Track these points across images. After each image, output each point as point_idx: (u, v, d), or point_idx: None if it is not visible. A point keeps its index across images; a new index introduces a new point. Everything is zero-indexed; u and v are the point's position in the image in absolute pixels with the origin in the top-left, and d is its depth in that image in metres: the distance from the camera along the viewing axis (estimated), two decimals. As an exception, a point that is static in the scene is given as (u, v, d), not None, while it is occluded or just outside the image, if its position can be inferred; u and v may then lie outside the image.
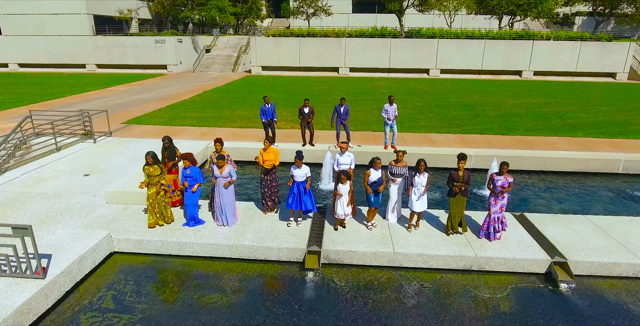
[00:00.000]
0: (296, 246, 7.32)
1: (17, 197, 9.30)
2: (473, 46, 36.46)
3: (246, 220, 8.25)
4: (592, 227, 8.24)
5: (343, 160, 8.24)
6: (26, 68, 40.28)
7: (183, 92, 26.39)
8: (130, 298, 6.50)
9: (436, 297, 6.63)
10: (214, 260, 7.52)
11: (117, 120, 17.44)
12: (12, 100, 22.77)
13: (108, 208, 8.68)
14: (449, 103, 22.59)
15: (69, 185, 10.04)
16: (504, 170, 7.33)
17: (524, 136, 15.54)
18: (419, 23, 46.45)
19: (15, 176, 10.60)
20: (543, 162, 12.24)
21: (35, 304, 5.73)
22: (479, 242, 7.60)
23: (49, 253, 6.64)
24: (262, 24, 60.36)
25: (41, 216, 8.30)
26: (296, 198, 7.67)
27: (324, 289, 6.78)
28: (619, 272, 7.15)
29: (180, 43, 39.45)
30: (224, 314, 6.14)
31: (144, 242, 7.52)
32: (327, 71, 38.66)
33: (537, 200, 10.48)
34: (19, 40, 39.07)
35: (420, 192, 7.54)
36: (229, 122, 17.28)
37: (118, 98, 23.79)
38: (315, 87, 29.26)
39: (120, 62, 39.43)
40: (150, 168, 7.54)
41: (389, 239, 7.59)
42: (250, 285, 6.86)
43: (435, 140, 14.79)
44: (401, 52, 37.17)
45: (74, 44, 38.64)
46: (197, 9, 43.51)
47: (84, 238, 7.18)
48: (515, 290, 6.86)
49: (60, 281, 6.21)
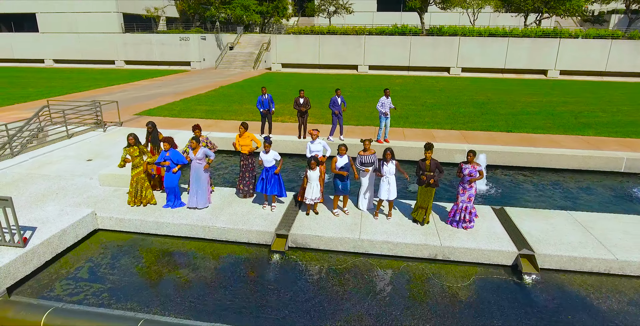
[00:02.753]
0: (265, 229, 7.58)
1: (22, 177, 10.00)
2: (496, 44, 35.61)
3: (224, 204, 8.58)
4: (572, 223, 8.07)
5: (314, 147, 8.43)
6: (60, 64, 42.44)
7: (200, 87, 27.18)
8: (105, 270, 6.94)
9: (395, 283, 6.73)
10: (190, 240, 7.88)
11: (131, 112, 18.26)
12: (41, 92, 24.15)
13: (100, 190, 9.22)
14: (460, 100, 22.26)
15: (71, 168, 10.70)
16: (470, 159, 7.31)
17: (529, 134, 15.19)
18: (443, 21, 45.76)
19: (25, 159, 11.37)
20: (539, 159, 11.97)
21: (14, 269, 6.24)
22: (448, 232, 7.61)
23: (34, 226, 7.19)
24: (287, 23, 60.99)
25: (38, 195, 8.93)
26: (263, 183, 7.92)
27: (287, 271, 7.00)
28: (589, 267, 7.01)
29: (204, 40, 40.50)
30: (184, 288, 6.47)
31: (125, 221, 7.98)
32: (346, 69, 38.74)
33: (525, 196, 10.31)
34: (54, 37, 41.24)
35: (389, 180, 7.62)
36: (236, 115, 17.74)
37: (138, 92, 24.80)
38: (330, 83, 29.43)
39: (147, 58, 40.90)
40: (130, 149, 7.98)
41: (357, 226, 7.72)
42: (217, 264, 7.17)
43: (436, 135, 14.69)
44: (421, 49, 36.77)
45: (104, 41, 40.42)
46: (221, 7, 44.54)
47: (69, 214, 7.70)
48: (478, 280, 6.85)
49: (39, 251, 6.72)
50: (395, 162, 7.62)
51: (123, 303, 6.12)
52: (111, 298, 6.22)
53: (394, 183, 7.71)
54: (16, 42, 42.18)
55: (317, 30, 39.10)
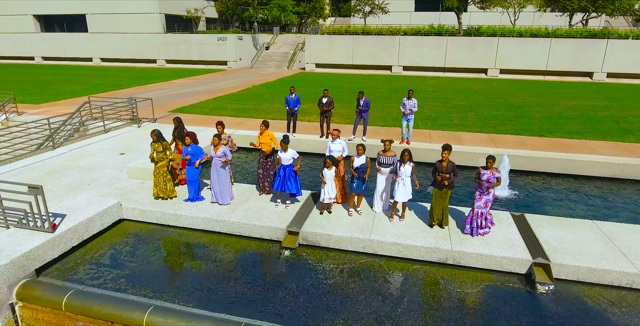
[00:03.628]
0: (278, 226, 7.75)
1: (59, 168, 10.72)
2: (537, 45, 34.23)
3: (242, 200, 8.83)
4: (596, 233, 7.71)
5: (334, 147, 8.50)
6: (107, 62, 44.78)
7: (234, 86, 27.89)
8: (125, 257, 7.35)
9: (402, 286, 6.70)
10: (206, 233, 8.18)
11: (165, 109, 19.06)
12: (87, 89, 25.63)
13: (128, 182, 9.74)
14: (494, 103, 21.61)
15: (104, 161, 11.34)
16: (490, 165, 7.16)
17: (564, 139, 14.57)
18: (483, 21, 44.45)
19: (64, 151, 12.16)
20: (569, 165, 11.47)
21: (42, 253, 6.74)
22: (461, 236, 7.48)
23: (64, 213, 7.71)
24: (324, 23, 61.30)
25: (72, 185, 9.55)
26: (282, 181, 8.09)
27: (296, 267, 7.13)
28: (609, 280, 6.68)
29: (241, 40, 41.47)
30: (196, 279, 6.74)
31: (147, 212, 8.39)
32: (380, 69, 38.49)
33: (550, 203, 9.92)
34: (101, 37, 43.58)
35: (404, 182, 7.59)
36: (264, 113, 18.11)
37: (174, 90, 25.79)
38: (362, 84, 29.37)
39: (186, 58, 42.39)
40: (155, 144, 8.38)
41: (369, 227, 7.74)
42: (230, 257, 7.41)
43: (463, 138, 14.39)
44: (458, 50, 35.94)
45: (147, 41, 42.27)
46: (259, 8, 45.42)
47: (97, 204, 8.20)
48: (487, 287, 6.70)
49: (67, 236, 7.21)
50: (412, 165, 7.57)
51: (138, 289, 6.46)
52: (128, 283, 6.59)
53: (409, 185, 7.67)
54: (68, 41, 44.92)
55: (351, 30, 39.10)
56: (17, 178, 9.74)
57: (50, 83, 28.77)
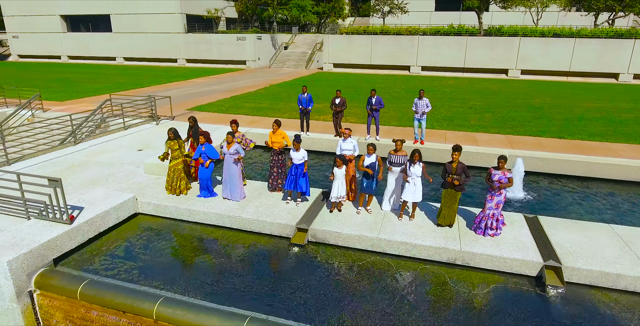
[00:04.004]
0: (287, 222, 7.83)
1: (80, 163, 11.08)
2: (560, 45, 33.43)
3: (254, 196, 8.95)
4: (612, 236, 7.53)
5: (345, 145, 8.53)
6: (130, 61, 45.84)
7: (251, 85, 28.18)
8: (139, 250, 7.56)
9: (408, 285, 6.69)
10: (217, 228, 8.33)
11: (184, 107, 19.42)
12: (109, 87, 26.31)
13: (144, 177, 9.99)
14: (513, 104, 21.23)
15: (122, 157, 11.66)
16: (501, 165, 7.08)
17: (584, 141, 14.22)
18: (505, 21, 43.72)
19: (85, 147, 12.55)
20: (588, 167, 11.19)
21: (60, 243, 7.00)
22: (471, 237, 7.41)
23: (82, 206, 7.97)
24: (343, 23, 61.28)
25: (91, 179, 9.86)
26: (293, 180, 8.17)
27: (304, 264, 7.20)
28: (624, 285, 6.52)
29: (259, 40, 41.85)
30: (206, 272, 6.88)
31: (161, 207, 8.60)
32: (398, 69, 38.25)
33: (566, 206, 9.71)
34: (124, 36, 44.66)
35: (415, 182, 7.56)
36: (279, 112, 18.25)
37: (193, 89, 26.23)
38: (379, 84, 29.25)
39: (207, 57, 43.02)
40: (171, 142, 8.58)
41: (378, 225, 7.74)
42: (239, 253, 7.53)
43: (479, 139, 14.20)
44: (478, 50, 35.42)
45: (168, 41, 43.10)
46: (278, 8, 45.77)
47: (113, 198, 8.44)
48: (496, 289, 6.62)
49: (84, 228, 7.46)
50: (422, 165, 7.55)
51: (150, 280, 6.64)
52: (140, 275, 6.78)
53: (419, 186, 7.64)
54: (92, 41, 46.21)
55: (369, 30, 38.97)
56: (39, 172, 10.10)
57: (74, 81, 29.66)
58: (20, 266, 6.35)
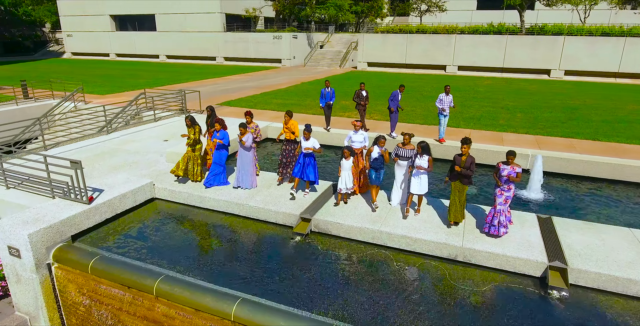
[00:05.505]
0: (292, 212, 7.97)
1: (109, 150, 11.76)
2: (609, 45, 31.54)
3: (264, 186, 9.17)
4: (630, 241, 7.12)
5: (356, 137, 8.58)
6: (171, 59, 47.76)
7: (283, 82, 28.61)
8: (150, 231, 7.96)
9: (405, 278, 6.63)
10: (227, 215, 8.61)
11: (214, 102, 20.05)
12: (148, 82, 27.59)
13: (165, 165, 10.47)
14: (550, 104, 20.31)
15: (149, 146, 12.26)
16: (511, 160, 6.88)
17: (621, 144, 13.43)
18: (551, 19, 41.75)
19: (116, 136, 13.30)
20: (617, 170, 10.56)
21: (78, 221, 7.51)
22: (475, 234, 7.24)
23: (102, 189, 8.49)
24: (382, 22, 60.78)
25: (116, 165, 10.45)
26: (301, 168, 8.30)
27: (304, 252, 7.31)
28: (635, 291, 6.16)
29: (295, 39, 42.35)
30: (209, 255, 7.15)
31: (176, 192, 9.00)
32: (433, 69, 37.51)
33: (587, 208, 9.24)
34: (167, 35, 46.58)
35: (420, 174, 7.49)
36: (306, 108, 18.46)
37: (227, 85, 27.00)
38: (411, 83, 28.82)
39: (244, 55, 44.07)
40: (188, 129, 8.96)
41: (382, 218, 7.73)
42: (244, 239, 7.76)
43: (506, 139, 13.75)
44: (518, 50, 34.09)
45: (208, 39, 44.53)
46: (315, 7, 46.11)
47: (132, 182, 8.93)
48: (496, 287, 6.44)
49: (102, 209, 7.96)
50: (428, 157, 7.47)
51: (156, 259, 6.98)
52: (148, 254, 7.15)
53: (425, 178, 7.56)
54: (138, 39, 48.55)
55: (405, 29, 38.46)
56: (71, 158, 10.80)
57: (117, 77, 31.32)
58: (40, 239, 6.87)
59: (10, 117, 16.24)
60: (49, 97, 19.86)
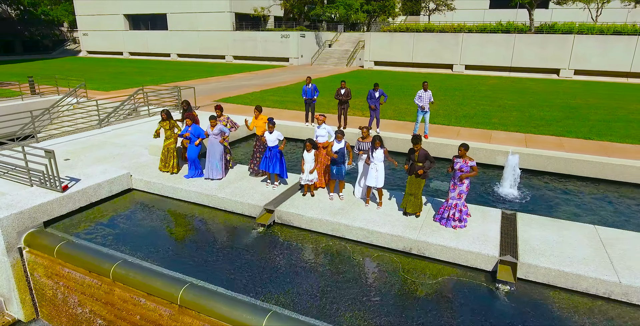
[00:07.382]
0: (257, 203, 8.15)
1: (99, 143, 12.15)
2: (621, 43, 30.76)
3: (237, 179, 9.37)
4: (591, 238, 7.05)
5: (320, 132, 8.70)
6: (182, 58, 48.57)
7: (287, 81, 28.83)
8: (121, 219, 8.25)
9: (357, 268, 6.73)
10: (197, 206, 8.85)
11: (213, 98, 20.42)
12: (154, 80, 28.18)
13: (147, 157, 10.77)
14: (550, 103, 19.99)
15: (137, 139, 12.60)
16: (462, 153, 6.90)
17: (613, 142, 13.18)
18: (564, 18, 40.93)
19: (108, 130, 13.71)
20: (599, 168, 10.40)
21: (50, 208, 7.83)
22: (432, 228, 7.28)
23: (79, 178, 8.83)
24: (393, 21, 60.46)
25: (100, 157, 10.81)
26: (266, 161, 8.47)
27: (263, 242, 7.48)
28: (584, 288, 6.12)
29: (303, 38, 42.57)
30: (173, 243, 7.38)
31: (151, 183, 9.28)
32: (440, 68, 37.21)
33: (560, 207, 9.15)
34: (178, 34, 47.39)
35: (377, 167, 7.57)
36: (300, 105, 18.59)
37: (230, 83, 27.37)
38: (414, 81, 28.69)
39: (252, 54, 44.52)
40: (163, 123, 9.22)
41: (343, 211, 7.83)
42: (208, 228, 7.98)
43: (495, 137, 13.65)
44: (527, 49, 33.54)
45: (218, 38, 45.14)
46: (325, 6, 46.22)
47: (109, 173, 9.25)
48: (446, 280, 6.48)
49: (75, 197, 8.28)
50: (383, 149, 7.55)
51: (121, 245, 7.25)
52: (113, 240, 7.42)
53: (382, 171, 7.64)
54: (150, 38, 49.53)
55: (412, 27, 38.25)
56: (60, 150, 11.23)
57: (126, 74, 32.06)
58: (11, 224, 7.21)
59: (15, 111, 16.86)
60: (54, 93, 20.52)
